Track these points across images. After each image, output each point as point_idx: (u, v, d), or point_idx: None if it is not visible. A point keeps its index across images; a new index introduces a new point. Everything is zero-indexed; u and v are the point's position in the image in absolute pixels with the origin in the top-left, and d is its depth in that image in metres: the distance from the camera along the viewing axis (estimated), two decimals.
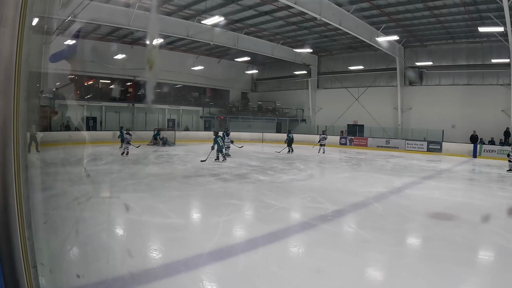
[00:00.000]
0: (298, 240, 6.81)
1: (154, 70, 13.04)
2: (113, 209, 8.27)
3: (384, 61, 30.92)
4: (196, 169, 15.64)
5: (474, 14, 21.15)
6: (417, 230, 7.79)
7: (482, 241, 7.00)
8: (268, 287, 4.71)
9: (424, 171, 17.44)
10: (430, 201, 10.57)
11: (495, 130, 25.23)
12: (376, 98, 32.53)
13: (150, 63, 15.76)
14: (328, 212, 8.73)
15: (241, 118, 37.12)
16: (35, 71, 2.80)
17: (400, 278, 5.10)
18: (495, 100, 25.96)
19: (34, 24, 1.82)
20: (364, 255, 5.97)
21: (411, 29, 25.49)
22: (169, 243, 6.25)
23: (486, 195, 11.87)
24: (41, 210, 5.31)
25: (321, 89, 37.03)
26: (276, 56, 31.72)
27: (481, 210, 9.35)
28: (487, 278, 5.31)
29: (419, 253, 6.36)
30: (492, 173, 17.44)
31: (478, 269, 5.69)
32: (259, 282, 4.83)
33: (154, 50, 16.17)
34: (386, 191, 11.76)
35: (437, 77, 29.50)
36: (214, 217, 7.92)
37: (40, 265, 1.82)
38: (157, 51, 21.24)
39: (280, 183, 12.68)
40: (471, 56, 27.32)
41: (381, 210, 9.45)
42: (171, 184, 11.89)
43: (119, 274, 4.86)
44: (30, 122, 2.27)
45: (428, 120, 28.18)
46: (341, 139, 32.20)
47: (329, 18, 20.69)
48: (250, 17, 24.84)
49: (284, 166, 17.31)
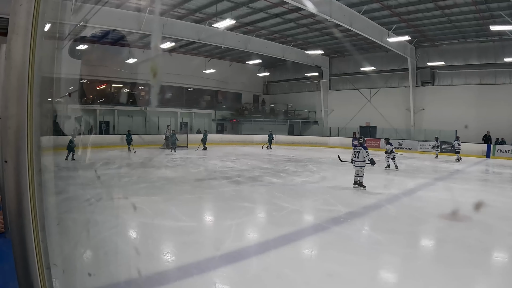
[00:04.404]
0: (310, 243, 6.81)
1: (157, 77, 13.15)
2: (125, 213, 8.32)
3: (395, 62, 30.76)
4: (209, 172, 15.70)
5: (485, 12, 20.94)
6: (430, 232, 7.73)
7: (495, 243, 6.92)
8: None
9: (437, 172, 17.31)
10: (443, 202, 10.48)
11: (509, 130, 24.96)
12: (388, 99, 32.36)
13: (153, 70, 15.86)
14: (341, 214, 8.70)
15: (253, 121, 37.17)
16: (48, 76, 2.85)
17: (413, 280, 5.06)
18: (508, 100, 25.67)
19: (46, 30, 1.85)
20: (376, 258, 5.95)
21: (422, 29, 25.31)
22: (181, 246, 6.28)
23: (499, 196, 11.74)
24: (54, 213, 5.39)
25: (333, 91, 36.94)
26: (288, 58, 31.69)
27: (495, 212, 9.25)
28: (500, 281, 5.24)
29: (432, 255, 6.31)
30: (505, 174, 17.26)
31: (491, 271, 5.62)
32: (271, 285, 4.83)
33: (157, 57, 16.26)
34: (399, 192, 11.69)
35: (449, 77, 29.26)
36: (226, 220, 7.94)
37: (53, 265, 1.85)
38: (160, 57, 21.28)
39: (293, 186, 12.66)
40: (483, 55, 27.05)
41: (393, 212, 9.40)
42: (183, 187, 11.94)
43: (132, 277, 4.90)
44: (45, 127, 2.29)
45: (441, 120, 27.96)
46: (354, 141, 32.02)
47: (339, 20, 20.63)
48: (261, 20, 24.86)
49: (296, 168, 17.30)
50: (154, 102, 29.22)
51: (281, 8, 22.51)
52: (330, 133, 35.39)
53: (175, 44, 27.82)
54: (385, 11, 21.96)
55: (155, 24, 21.11)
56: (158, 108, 32.79)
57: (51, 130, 16.67)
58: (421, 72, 30.10)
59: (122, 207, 8.93)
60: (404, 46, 28.26)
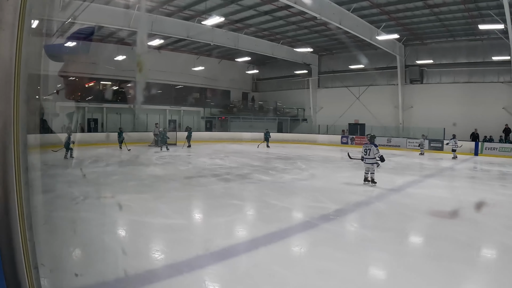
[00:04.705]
0: (300, 240, 6.81)
1: (144, 73, 13.08)
2: (115, 211, 8.27)
3: (384, 60, 30.90)
4: (198, 169, 15.67)
5: (474, 11, 21.13)
6: (419, 229, 7.79)
7: (484, 239, 6.99)
8: (269, 286, 4.72)
9: (425, 169, 17.44)
10: (432, 199, 10.56)
11: (497, 128, 25.27)
12: (377, 96, 32.54)
13: (139, 66, 15.77)
14: (330, 211, 8.73)
15: (242, 118, 37.12)
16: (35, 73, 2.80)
17: (403, 277, 5.10)
18: (496, 98, 26.00)
19: (34, 27, 1.82)
20: (366, 255, 5.97)
21: (411, 28, 25.47)
22: (171, 244, 6.25)
23: (488, 193, 11.87)
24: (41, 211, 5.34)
25: (322, 88, 37.02)
26: (277, 55, 31.70)
27: (483, 208, 9.34)
28: (490, 277, 5.29)
29: (422, 252, 6.35)
30: (493, 171, 17.46)
31: (481, 268, 5.68)
32: (261, 282, 4.82)
33: (143, 53, 16.17)
34: (388, 189, 11.75)
35: (437, 75, 29.51)
36: (216, 217, 7.93)
37: (41, 265, 1.82)
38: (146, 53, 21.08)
39: (282, 183, 12.68)
40: (471, 54, 27.31)
41: (383, 209, 9.45)
42: (172, 185, 11.90)
43: (121, 275, 4.86)
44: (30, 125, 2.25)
45: (429, 118, 28.18)
46: (343, 138, 32.21)
47: (329, 17, 20.68)
48: (250, 17, 24.84)
49: (285, 165, 17.33)
50: (140, 99, 29.02)
51: (270, 6, 22.52)
52: (319, 130, 35.49)
53: (163, 41, 27.63)
54: (374, 9, 22.06)
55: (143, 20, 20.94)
56: (146, 106, 32.56)
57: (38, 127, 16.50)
58: (410, 70, 30.31)
59: (111, 205, 8.87)
60: (393, 44, 28.40)
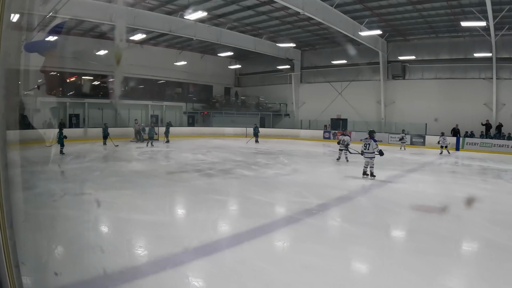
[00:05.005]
0: (283, 235, 6.83)
1: (121, 65, 12.93)
2: (97, 207, 8.19)
3: (367, 56, 30.96)
4: (180, 165, 15.61)
5: (457, 8, 21.35)
6: (402, 223, 7.88)
7: (466, 233, 7.12)
8: (254, 282, 4.72)
9: (407, 164, 17.60)
10: (414, 194, 10.69)
11: (478, 123, 25.65)
12: (359, 92, 32.67)
13: (117, 58, 15.54)
14: (313, 206, 8.76)
15: (224, 113, 37.02)
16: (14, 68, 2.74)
17: (386, 271, 5.16)
18: (478, 94, 26.36)
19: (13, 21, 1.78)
20: (350, 249, 6.02)
21: (394, 24, 25.63)
22: (154, 240, 6.21)
23: (469, 187, 12.05)
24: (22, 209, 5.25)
25: (304, 84, 37.11)
26: (259, 51, 31.60)
27: (466, 203, 9.48)
28: (472, 269, 5.40)
29: (405, 246, 6.43)
30: (474, 166, 17.70)
31: (463, 261, 5.79)
32: (245, 277, 4.83)
33: (120, 45, 15.95)
34: (370, 184, 11.84)
35: (420, 71, 29.77)
36: (199, 213, 7.91)
37: (21, 264, 1.80)
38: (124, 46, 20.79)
39: (265, 178, 12.70)
40: (453, 51, 27.59)
41: (365, 203, 9.54)
42: (155, 181, 11.82)
43: (105, 272, 4.82)
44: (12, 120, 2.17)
45: (411, 113, 28.45)
46: (325, 133, 32.38)
47: (312, 13, 20.68)
48: (233, 12, 24.71)
49: (268, 160, 17.34)
50: (118, 93, 28.72)
51: (253, 1, 22.46)
52: (301, 125, 35.58)
53: (146, 36, 27.38)
54: (357, 5, 22.14)
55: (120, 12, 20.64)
56: (128, 101, 32.27)
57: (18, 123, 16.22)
58: (392, 66, 30.52)
59: (94, 202, 8.78)
60: (376, 40, 28.57)
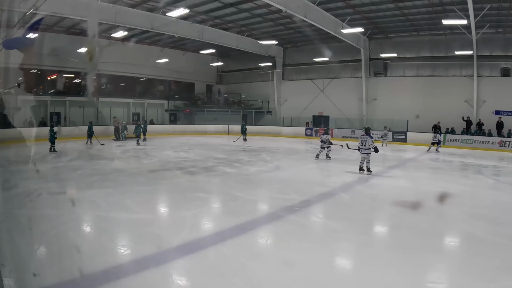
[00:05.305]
0: (266, 232, 6.90)
1: (93, 61, 12.83)
2: (79, 206, 8.13)
3: (349, 53, 31.22)
4: (162, 163, 15.56)
5: (438, 7, 21.62)
6: (384, 219, 8.01)
7: (447, 228, 7.28)
8: (237, 279, 4.77)
9: (389, 160, 17.80)
10: (396, 190, 10.86)
11: (459, 120, 26.04)
12: (341, 89, 32.89)
13: (89, 54, 15.37)
14: (295, 203, 8.84)
15: (206, 111, 36.88)
16: None
17: (369, 266, 5.25)
18: (458, 91, 26.80)
19: None
20: (332, 245, 6.12)
21: (376, 21, 25.85)
22: (137, 238, 6.22)
23: (450, 183, 12.25)
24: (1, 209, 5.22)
25: (286, 81, 37.17)
26: (241, 48, 31.56)
27: (447, 198, 9.65)
28: (453, 264, 5.55)
29: (387, 241, 6.55)
30: (455, 162, 18.01)
31: (444, 255, 5.92)
32: (228, 274, 4.88)
33: (93, 41, 15.76)
34: (352, 180, 11.98)
35: (401, 68, 30.13)
36: (181, 211, 7.93)
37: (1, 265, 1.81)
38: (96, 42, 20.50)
39: (247, 175, 12.77)
40: (434, 48, 27.97)
41: (348, 199, 9.65)
42: (137, 179, 11.78)
43: (88, 272, 4.81)
44: None
45: (393, 110, 28.67)
46: (307, 130, 32.50)
47: (294, 10, 20.74)
48: (215, 9, 24.61)
49: (250, 158, 17.40)
50: (91, 89, 28.42)
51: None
52: (283, 123, 35.62)
53: (127, 33, 27.13)
54: (339, 2, 22.23)
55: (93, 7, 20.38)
56: (110, 99, 31.96)
57: None
58: (374, 63, 30.79)
59: (76, 200, 8.72)
60: (358, 38, 28.77)
